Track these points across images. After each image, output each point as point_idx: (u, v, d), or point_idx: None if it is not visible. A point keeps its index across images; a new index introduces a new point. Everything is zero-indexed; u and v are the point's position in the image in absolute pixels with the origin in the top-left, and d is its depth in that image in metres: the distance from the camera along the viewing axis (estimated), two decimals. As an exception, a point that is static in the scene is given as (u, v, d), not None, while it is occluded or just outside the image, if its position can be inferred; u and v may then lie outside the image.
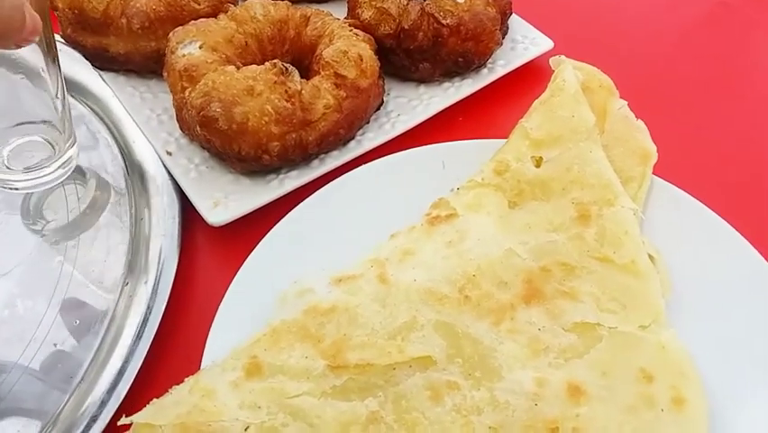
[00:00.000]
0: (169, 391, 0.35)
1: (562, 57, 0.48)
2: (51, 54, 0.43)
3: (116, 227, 0.49)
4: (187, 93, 0.47)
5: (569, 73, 0.46)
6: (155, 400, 0.35)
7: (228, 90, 0.45)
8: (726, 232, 0.43)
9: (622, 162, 0.46)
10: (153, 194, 0.50)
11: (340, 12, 0.57)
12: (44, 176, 0.47)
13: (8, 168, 0.46)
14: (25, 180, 0.47)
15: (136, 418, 0.33)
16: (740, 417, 0.36)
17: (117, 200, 0.51)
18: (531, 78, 0.57)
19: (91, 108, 0.57)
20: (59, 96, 0.45)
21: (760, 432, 0.35)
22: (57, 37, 0.56)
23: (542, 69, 0.57)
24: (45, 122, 0.47)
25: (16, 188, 0.48)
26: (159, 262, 0.46)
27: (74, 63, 0.58)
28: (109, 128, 0.55)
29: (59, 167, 0.48)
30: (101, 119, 0.56)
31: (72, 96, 0.57)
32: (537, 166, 0.45)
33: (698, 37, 0.62)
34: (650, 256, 0.42)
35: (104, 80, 0.56)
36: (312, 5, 0.55)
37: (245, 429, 0.33)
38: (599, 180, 0.44)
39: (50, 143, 0.47)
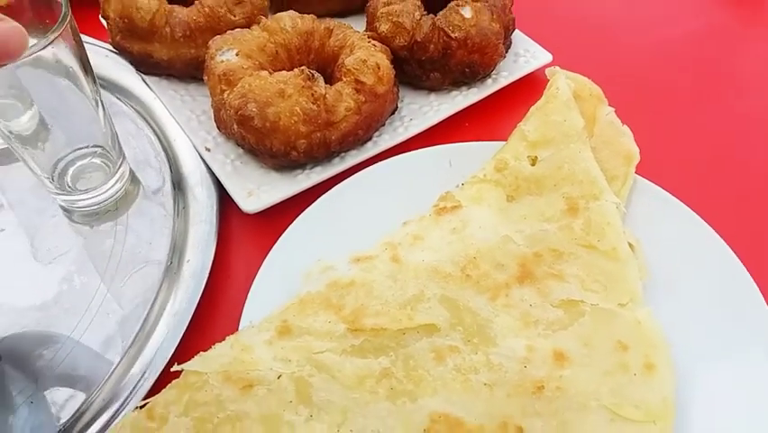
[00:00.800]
0: (213, 346, 0.41)
1: (557, 68, 0.54)
2: (97, 88, 0.49)
3: (160, 215, 0.55)
4: (225, 95, 0.53)
5: (562, 82, 0.52)
6: (201, 352, 0.41)
7: (263, 92, 0.51)
8: (696, 223, 0.48)
9: (608, 163, 0.51)
10: (193, 185, 0.56)
11: (359, 24, 0.63)
12: (103, 194, 0.54)
13: (71, 189, 0.53)
14: (87, 199, 0.54)
15: (186, 366, 0.39)
16: (702, 379, 0.42)
17: (161, 190, 0.57)
18: (531, 87, 0.63)
19: (135, 109, 0.63)
20: (106, 123, 0.52)
21: (718, 391, 0.41)
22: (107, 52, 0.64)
23: (541, 79, 0.63)
24: (97, 146, 0.54)
25: (80, 207, 0.54)
26: (200, 244, 0.52)
27: (120, 68, 0.65)
28: (152, 127, 0.61)
29: (114, 183, 0.54)
30: (144, 119, 0.62)
31: (118, 97, 0.64)
32: (533, 164, 0.51)
33: (683, 51, 0.67)
34: (630, 245, 0.47)
35: (147, 84, 0.62)
36: (334, 19, 0.61)
37: (278, 378, 0.39)
38: (587, 177, 0.49)
39: (105, 164, 0.54)
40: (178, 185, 0.57)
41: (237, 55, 0.54)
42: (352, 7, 0.68)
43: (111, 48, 0.64)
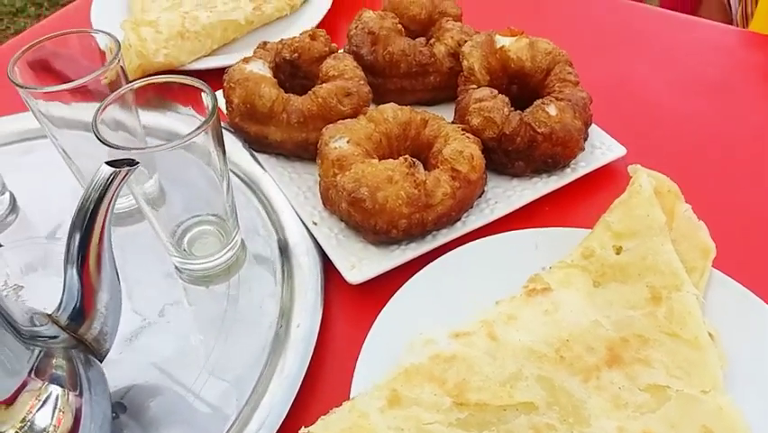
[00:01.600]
0: (332, 410, 0.45)
1: (638, 166, 0.58)
2: (226, 165, 0.55)
3: (269, 281, 0.60)
4: (338, 178, 0.59)
5: (644, 180, 0.57)
6: (323, 417, 0.45)
7: (374, 178, 0.57)
8: (774, 318, 0.51)
9: (687, 255, 0.55)
10: (299, 255, 0.61)
11: (445, 112, 0.69)
12: (216, 260, 0.60)
13: (187, 253, 0.59)
14: (202, 264, 0.59)
15: (312, 428, 0.44)
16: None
17: (269, 258, 0.62)
18: (606, 178, 0.67)
19: (244, 181, 0.70)
20: (229, 196, 0.57)
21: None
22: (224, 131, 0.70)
23: (615, 171, 0.68)
24: (216, 215, 0.59)
25: (194, 270, 0.60)
26: (307, 310, 0.57)
27: (231, 143, 0.71)
28: (260, 199, 0.68)
29: (227, 251, 0.60)
30: (253, 191, 0.68)
31: (231, 171, 0.70)
32: (617, 253, 0.55)
33: (757, 145, 0.71)
34: (710, 334, 0.50)
35: (257, 160, 0.69)
36: (428, 110, 0.67)
37: (396, 444, 0.43)
38: (669, 269, 0.53)
39: (220, 232, 0.60)
40: (285, 254, 0.62)
41: (348, 142, 0.60)
42: (438, 98, 0.75)
43: (226, 124, 0.71)
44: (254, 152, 0.69)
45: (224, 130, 0.71)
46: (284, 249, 0.63)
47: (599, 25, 0.89)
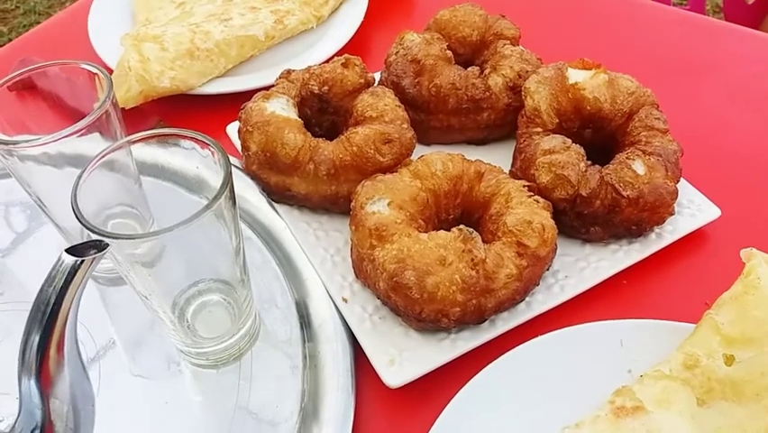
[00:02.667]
0: None
1: (754, 250, 0.47)
2: (238, 227, 0.45)
3: (288, 370, 0.50)
4: (376, 252, 0.48)
5: (764, 270, 0.45)
6: None
7: (422, 259, 0.46)
8: None
9: (817, 369, 0.44)
10: (325, 340, 0.51)
11: (500, 153, 0.59)
12: (228, 340, 0.49)
13: (193, 333, 0.48)
14: (210, 347, 0.49)
15: None
16: None
17: (289, 339, 0.52)
18: (696, 245, 0.56)
19: (259, 234, 0.59)
20: (239, 259, 0.47)
21: None
22: (235, 170, 0.60)
23: (706, 236, 0.57)
24: (223, 281, 0.49)
25: (199, 354, 0.49)
26: (333, 420, 0.46)
27: (247, 188, 0.61)
28: (278, 257, 0.57)
29: (240, 329, 0.50)
30: (271, 249, 0.58)
31: (245, 220, 0.59)
32: (728, 364, 0.44)
33: None
34: None
35: (277, 212, 0.58)
36: (477, 148, 0.56)
37: None
38: (798, 391, 0.42)
39: (228, 303, 0.49)
40: (308, 334, 0.52)
41: (389, 206, 0.49)
42: (490, 138, 0.63)
43: (241, 168, 0.60)
44: (274, 203, 0.58)
45: (237, 171, 0.61)
46: (307, 327, 0.52)
47: (678, 49, 0.77)
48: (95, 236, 0.38)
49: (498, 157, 0.59)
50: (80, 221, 0.38)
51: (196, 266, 0.49)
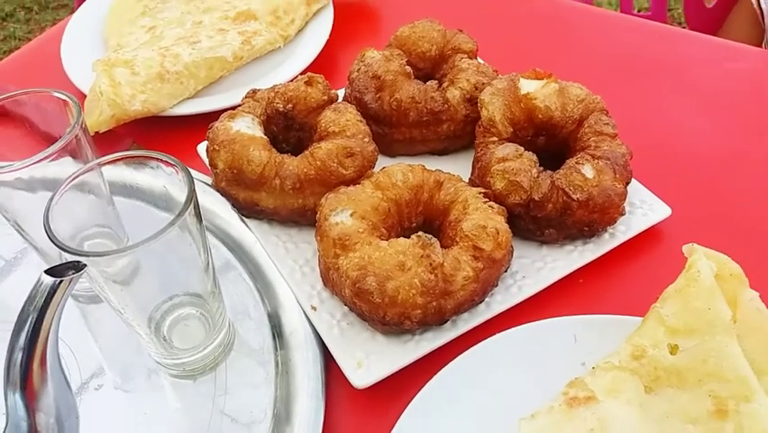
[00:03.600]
0: None
1: (695, 245, 0.50)
2: (206, 243, 0.48)
3: (260, 377, 0.52)
4: (340, 260, 0.50)
5: (703, 264, 0.48)
6: None
7: (382, 265, 0.49)
8: None
9: (755, 354, 0.47)
10: (296, 347, 0.53)
11: (461, 163, 0.63)
12: (202, 351, 0.52)
13: (169, 345, 0.51)
14: (186, 358, 0.52)
15: None
16: None
17: (261, 348, 0.54)
18: (648, 243, 0.59)
19: (231, 248, 0.61)
20: (209, 273, 0.49)
21: None
22: (206, 187, 0.62)
23: (658, 234, 0.60)
24: (195, 294, 0.51)
25: (176, 365, 0.52)
26: (303, 423, 0.49)
27: (218, 204, 0.63)
28: (251, 272, 0.59)
29: (213, 340, 0.52)
30: (243, 262, 0.60)
31: (214, 234, 0.62)
32: (673, 354, 0.47)
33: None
34: (792, 460, 0.42)
35: (248, 226, 0.61)
36: (439, 158, 0.59)
37: None
38: (736, 375, 0.45)
39: (203, 315, 0.52)
40: (280, 341, 0.54)
41: (351, 216, 0.52)
42: (451, 149, 0.67)
43: (211, 185, 0.63)
44: (244, 218, 0.61)
45: (208, 188, 0.63)
46: (278, 335, 0.55)
47: (631, 55, 0.80)
48: (69, 256, 0.40)
49: (458, 166, 0.62)
50: (53, 241, 0.41)
51: (168, 282, 0.52)
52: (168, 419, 0.52)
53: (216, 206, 0.63)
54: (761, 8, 1.09)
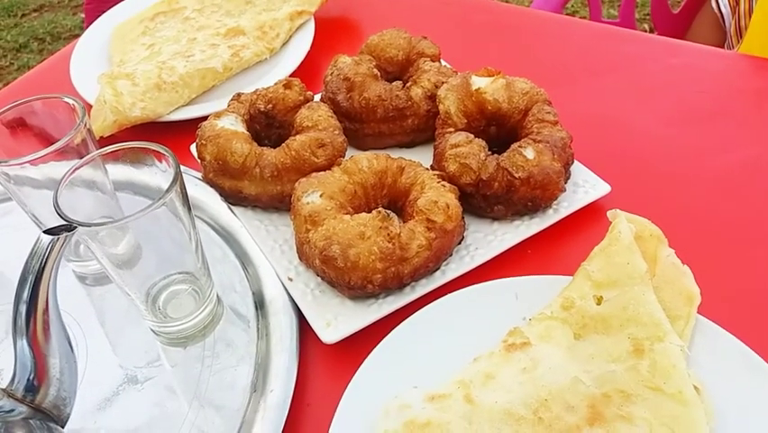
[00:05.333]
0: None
1: (618, 211, 0.58)
2: (193, 222, 0.56)
3: (244, 340, 0.60)
4: (310, 234, 0.59)
5: (624, 225, 0.56)
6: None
7: (345, 235, 0.57)
8: (761, 366, 0.50)
9: (670, 303, 0.54)
10: (275, 312, 0.61)
11: (424, 155, 0.71)
12: (192, 320, 0.60)
13: (162, 313, 0.59)
14: (177, 325, 0.60)
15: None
16: None
17: (245, 315, 0.62)
18: (590, 217, 0.67)
19: (221, 234, 0.70)
20: (198, 253, 0.58)
21: None
22: (197, 181, 0.71)
23: (600, 209, 0.67)
24: (188, 273, 0.59)
25: (169, 332, 0.60)
26: (281, 374, 0.57)
27: (209, 196, 0.72)
28: (236, 253, 0.68)
29: (203, 310, 0.60)
30: (230, 244, 0.69)
31: (207, 222, 0.71)
32: (598, 304, 0.54)
33: (741, 181, 0.70)
34: (695, 387, 0.49)
35: (234, 213, 0.69)
36: (404, 158, 0.67)
37: None
38: (651, 319, 0.52)
39: (195, 290, 0.60)
40: (261, 311, 0.62)
41: (321, 197, 0.60)
42: (418, 141, 0.75)
43: (201, 178, 0.71)
44: (230, 206, 0.69)
45: (198, 182, 0.72)
46: (260, 305, 0.63)
47: (583, 56, 0.89)
48: (84, 230, 0.49)
49: (423, 156, 0.70)
50: (65, 218, 0.49)
51: (163, 263, 0.60)
52: (163, 379, 0.60)
53: (207, 197, 0.72)
54: (721, 12, 1.17)
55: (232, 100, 0.71)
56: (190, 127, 0.80)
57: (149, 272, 0.59)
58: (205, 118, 0.72)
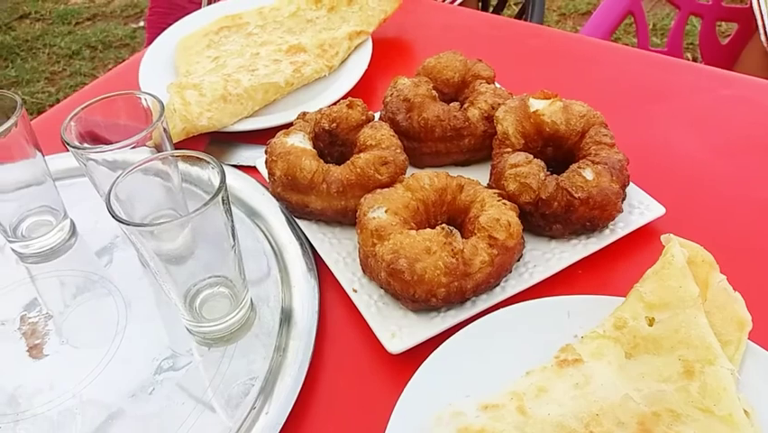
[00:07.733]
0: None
1: (671, 235, 0.62)
2: (235, 235, 0.62)
3: (261, 355, 0.65)
4: (377, 248, 0.64)
5: (677, 250, 0.61)
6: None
7: (412, 249, 0.62)
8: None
9: (721, 328, 0.58)
10: (294, 337, 0.65)
11: (478, 173, 0.76)
12: (226, 322, 0.66)
13: (199, 316, 0.65)
14: (212, 326, 0.66)
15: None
16: None
17: (270, 331, 0.66)
18: (644, 239, 0.71)
19: (273, 250, 0.75)
20: (236, 260, 0.64)
21: None
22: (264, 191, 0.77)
23: (652, 232, 0.72)
24: (225, 277, 0.66)
25: (204, 332, 0.66)
26: (281, 399, 0.60)
27: (269, 207, 0.78)
28: (281, 271, 0.72)
29: (238, 312, 0.66)
30: (277, 262, 0.73)
31: (265, 234, 0.76)
32: (650, 325, 0.59)
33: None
34: (745, 411, 0.53)
35: (296, 226, 0.75)
36: (463, 176, 0.73)
37: None
38: (702, 343, 0.57)
39: (230, 295, 0.66)
40: (286, 329, 0.67)
41: (386, 212, 0.66)
42: (473, 159, 0.80)
43: (267, 188, 0.78)
44: (295, 219, 0.75)
45: (265, 193, 0.79)
46: (287, 322, 0.67)
47: (636, 83, 0.93)
48: (125, 228, 0.56)
49: (478, 175, 0.76)
50: (116, 218, 0.55)
51: (203, 266, 0.66)
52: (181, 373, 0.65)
53: (268, 209, 0.78)
54: None
55: (297, 119, 0.78)
56: (253, 137, 0.87)
57: (190, 273, 0.65)
58: (266, 130, 0.78)
